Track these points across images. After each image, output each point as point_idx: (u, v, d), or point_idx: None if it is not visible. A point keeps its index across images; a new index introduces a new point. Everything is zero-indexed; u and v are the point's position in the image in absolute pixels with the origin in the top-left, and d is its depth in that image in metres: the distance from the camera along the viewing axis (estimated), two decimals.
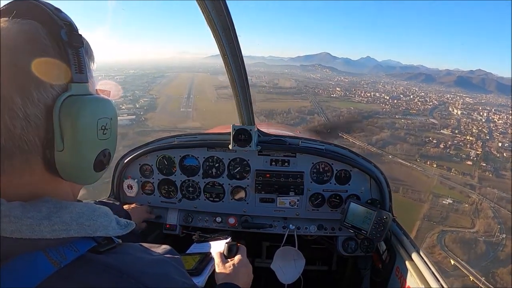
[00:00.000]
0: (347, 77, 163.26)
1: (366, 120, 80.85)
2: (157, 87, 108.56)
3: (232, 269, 1.46)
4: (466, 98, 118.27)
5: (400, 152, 62.31)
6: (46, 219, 0.61)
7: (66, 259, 0.61)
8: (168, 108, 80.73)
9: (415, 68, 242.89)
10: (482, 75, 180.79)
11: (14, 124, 0.58)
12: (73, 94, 0.65)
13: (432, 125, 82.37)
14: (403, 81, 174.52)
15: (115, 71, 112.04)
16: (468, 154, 62.67)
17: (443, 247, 34.51)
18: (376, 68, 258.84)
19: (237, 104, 2.36)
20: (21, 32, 0.62)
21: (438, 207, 42.76)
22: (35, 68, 0.60)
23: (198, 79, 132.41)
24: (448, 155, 62.73)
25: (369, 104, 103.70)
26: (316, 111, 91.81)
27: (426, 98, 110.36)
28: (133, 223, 0.79)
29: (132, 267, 0.68)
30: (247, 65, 2.03)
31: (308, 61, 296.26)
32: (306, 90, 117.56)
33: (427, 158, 60.54)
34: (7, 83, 0.57)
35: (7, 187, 0.62)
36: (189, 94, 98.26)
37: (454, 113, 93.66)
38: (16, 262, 0.58)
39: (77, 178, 0.70)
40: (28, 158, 0.63)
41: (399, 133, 73.33)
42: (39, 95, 0.60)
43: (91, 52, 0.76)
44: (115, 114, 0.76)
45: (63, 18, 0.67)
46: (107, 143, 0.73)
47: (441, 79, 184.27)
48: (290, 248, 2.69)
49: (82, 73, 0.68)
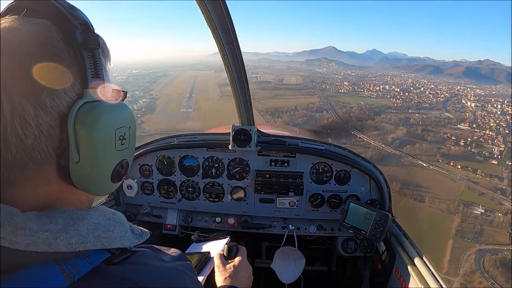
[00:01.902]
0: (354, 71, 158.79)
1: (378, 116, 77.61)
2: (159, 86, 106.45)
3: (232, 271, 1.44)
4: (476, 89, 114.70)
5: (420, 152, 58.06)
6: (63, 232, 0.58)
7: (79, 271, 0.58)
8: (167, 109, 77.93)
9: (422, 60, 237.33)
10: (491, 65, 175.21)
11: (26, 133, 0.55)
12: (89, 100, 0.61)
13: (448, 119, 78.93)
14: (411, 73, 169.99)
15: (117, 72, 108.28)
16: (491, 152, 58.54)
17: (484, 273, 29.25)
18: (383, 61, 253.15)
19: (236, 104, 2.37)
20: (32, 33, 0.58)
21: (470, 219, 37.93)
22: (48, 73, 0.56)
23: (201, 77, 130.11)
24: (470, 153, 58.50)
25: (379, 98, 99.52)
26: (325, 107, 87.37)
27: (437, 91, 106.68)
28: (148, 232, 0.77)
29: (148, 278, 0.65)
30: (252, 62, 1.65)
31: (314, 55, 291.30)
32: (313, 85, 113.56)
33: (449, 158, 56.23)
34: (17, 90, 0.53)
35: (21, 197, 0.60)
36: (191, 93, 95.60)
37: (468, 105, 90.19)
38: (28, 274, 0.55)
39: (93, 189, 0.68)
40: (42, 169, 0.60)
41: (416, 129, 69.22)
42: (52, 102, 0.57)
43: (108, 51, 0.72)
44: (134, 121, 0.72)
45: (78, 16, 0.62)
46: (125, 154, 0.70)
47: (449, 70, 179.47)
48: (290, 248, 2.70)
49: (99, 77, 0.64)
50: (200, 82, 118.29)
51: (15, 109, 0.53)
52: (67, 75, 0.59)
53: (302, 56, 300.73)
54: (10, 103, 0.53)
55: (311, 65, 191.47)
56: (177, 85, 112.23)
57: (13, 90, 0.53)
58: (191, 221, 2.78)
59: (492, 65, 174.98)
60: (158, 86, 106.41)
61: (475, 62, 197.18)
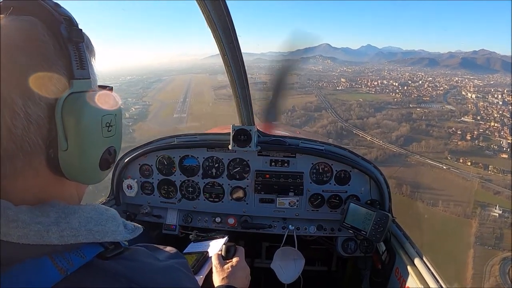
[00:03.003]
0: (350, 67, 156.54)
1: (379, 113, 75.31)
2: (152, 92, 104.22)
3: (230, 271, 1.45)
4: (474, 80, 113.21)
5: (426, 149, 55.84)
6: (54, 225, 0.59)
7: (73, 266, 0.59)
8: (160, 116, 75.37)
9: (417, 53, 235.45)
10: (486, 55, 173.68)
11: (15, 124, 0.56)
12: (75, 91, 0.63)
13: (450, 112, 77.20)
14: (407, 66, 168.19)
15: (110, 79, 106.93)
16: (500, 145, 56.57)
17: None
18: (378, 56, 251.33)
19: (237, 104, 2.36)
20: (19, 29, 0.59)
21: (488, 222, 35.34)
22: (35, 66, 0.58)
23: (196, 80, 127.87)
24: (478, 148, 56.37)
25: (378, 94, 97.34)
26: (324, 106, 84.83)
27: (435, 83, 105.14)
28: (141, 227, 0.78)
29: (142, 274, 0.66)
30: (247, 62, 2.02)
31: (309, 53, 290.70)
32: (309, 84, 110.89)
33: (458, 154, 54.04)
34: (6, 83, 0.55)
35: (12, 190, 0.60)
36: (185, 97, 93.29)
37: (469, 97, 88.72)
38: (21, 268, 0.55)
39: (83, 177, 0.68)
40: (31, 160, 0.61)
41: (419, 125, 67.14)
42: (40, 93, 0.58)
43: (92, 47, 0.74)
44: (120, 110, 0.74)
45: (63, 13, 0.65)
46: (112, 141, 0.71)
47: (445, 62, 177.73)
48: (290, 248, 2.69)
49: (84, 69, 0.65)
50: (195, 86, 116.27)
51: (3, 100, 0.54)
52: (54, 67, 0.61)
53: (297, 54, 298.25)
54: (0, 95, 0.54)
55: (307, 63, 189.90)
56: (172, 90, 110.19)
57: (1, 82, 0.54)
58: (191, 221, 2.78)
59: (487, 54, 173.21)
60: (151, 92, 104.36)
61: (470, 52, 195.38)
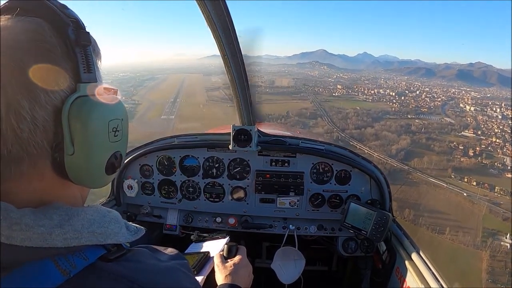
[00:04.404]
0: (346, 74, 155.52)
1: (377, 123, 72.20)
2: (143, 91, 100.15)
3: (232, 269, 1.45)
4: (471, 92, 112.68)
5: (429, 165, 52.96)
6: (58, 228, 0.58)
7: (75, 268, 0.59)
8: (146, 116, 71.41)
9: (413, 63, 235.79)
10: (483, 68, 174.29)
11: (22, 127, 0.55)
12: (82, 95, 0.62)
13: (450, 125, 75.46)
14: (403, 76, 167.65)
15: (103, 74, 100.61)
16: (504, 163, 54.20)
17: None
18: (374, 64, 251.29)
19: (237, 104, 2.37)
20: (25, 30, 0.59)
21: (499, 255, 32.07)
22: (42, 68, 0.57)
23: (189, 80, 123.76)
24: (482, 165, 53.88)
25: (375, 102, 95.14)
26: (319, 113, 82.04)
27: (433, 94, 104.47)
28: (143, 229, 0.78)
29: (144, 276, 0.66)
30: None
31: (305, 58, 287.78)
32: (305, 88, 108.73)
33: (462, 172, 51.35)
34: (13, 86, 0.54)
35: (16, 193, 0.60)
36: (176, 98, 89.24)
37: (467, 109, 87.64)
38: (24, 270, 0.55)
39: (89, 182, 0.68)
40: (37, 163, 0.60)
41: (420, 138, 64.91)
42: (47, 97, 0.58)
43: (98, 50, 0.73)
44: (126, 114, 0.74)
45: (70, 15, 0.64)
46: (118, 145, 0.71)
47: (441, 73, 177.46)
48: (290, 248, 2.68)
49: (91, 72, 0.65)
50: (187, 86, 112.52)
51: (10, 103, 0.54)
52: (61, 70, 0.60)
53: (293, 59, 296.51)
54: (5, 98, 0.54)
55: (303, 67, 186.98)
56: (163, 89, 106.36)
57: (8, 85, 0.54)
58: (192, 221, 2.77)
59: (484, 67, 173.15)
60: (142, 90, 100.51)
61: (466, 64, 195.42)
